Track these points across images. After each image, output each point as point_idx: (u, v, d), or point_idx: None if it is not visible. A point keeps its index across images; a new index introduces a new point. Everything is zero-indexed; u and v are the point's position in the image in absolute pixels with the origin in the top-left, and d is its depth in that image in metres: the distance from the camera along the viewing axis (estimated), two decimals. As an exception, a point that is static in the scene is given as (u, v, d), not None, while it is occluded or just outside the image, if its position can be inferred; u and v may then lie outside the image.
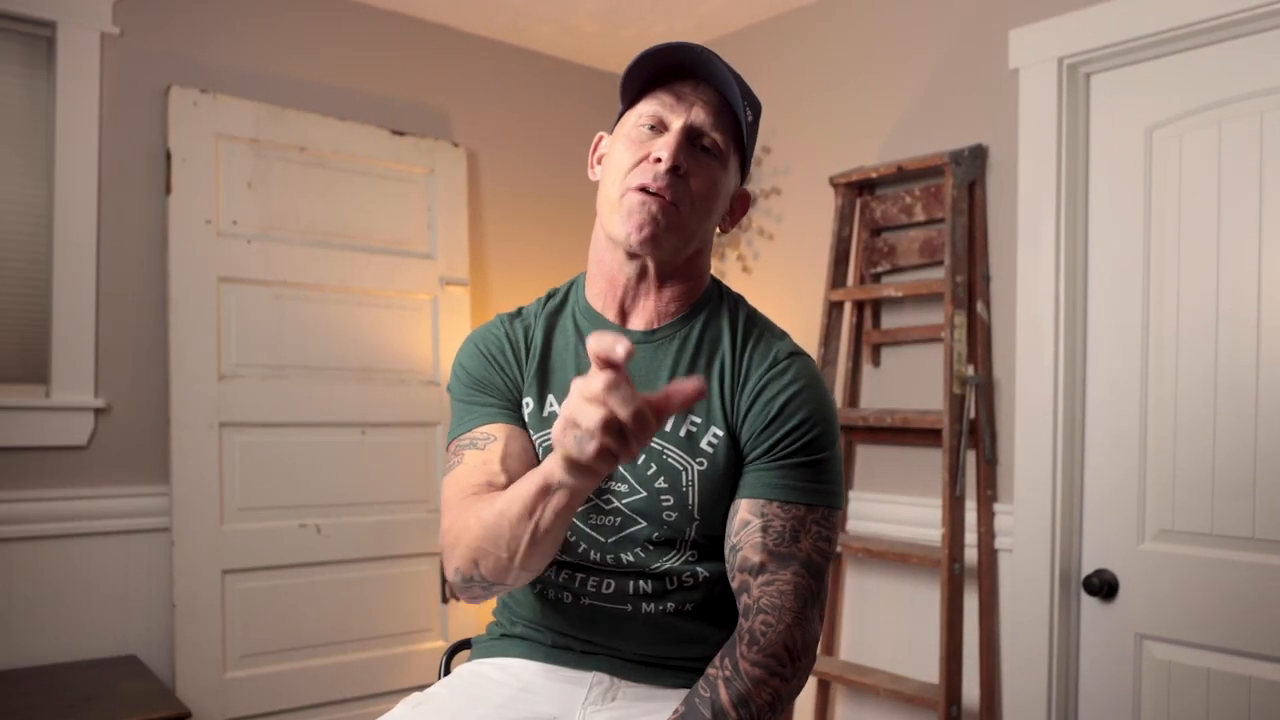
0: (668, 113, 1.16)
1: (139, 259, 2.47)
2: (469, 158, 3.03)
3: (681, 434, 1.16)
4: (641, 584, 1.19)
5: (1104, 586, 2.15)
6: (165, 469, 2.47)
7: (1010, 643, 2.27)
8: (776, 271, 2.86)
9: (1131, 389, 2.14)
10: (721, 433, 1.16)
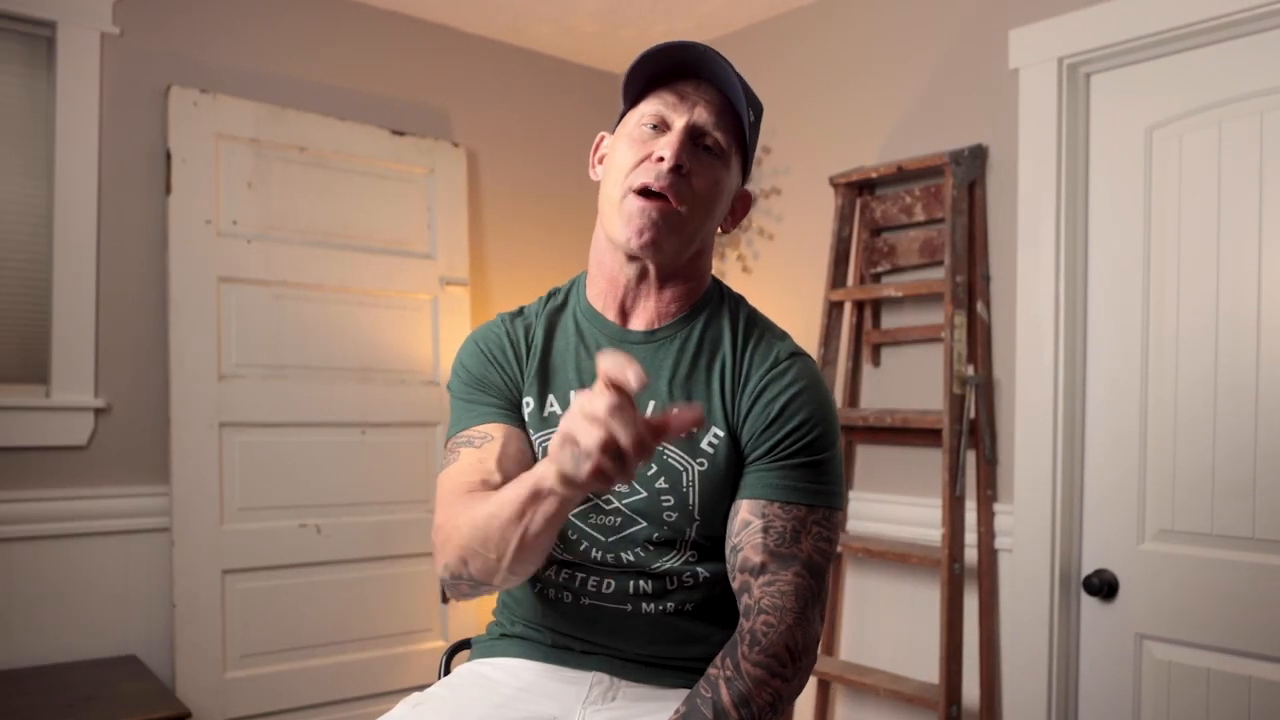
0: (670, 112, 1.16)
1: (139, 259, 2.47)
2: (469, 158, 3.03)
3: (682, 434, 1.16)
4: (642, 584, 1.19)
5: (1104, 586, 2.15)
6: (165, 469, 2.47)
7: (1010, 643, 2.27)
8: (776, 271, 2.86)
9: (1131, 389, 2.14)
10: (722, 433, 1.16)
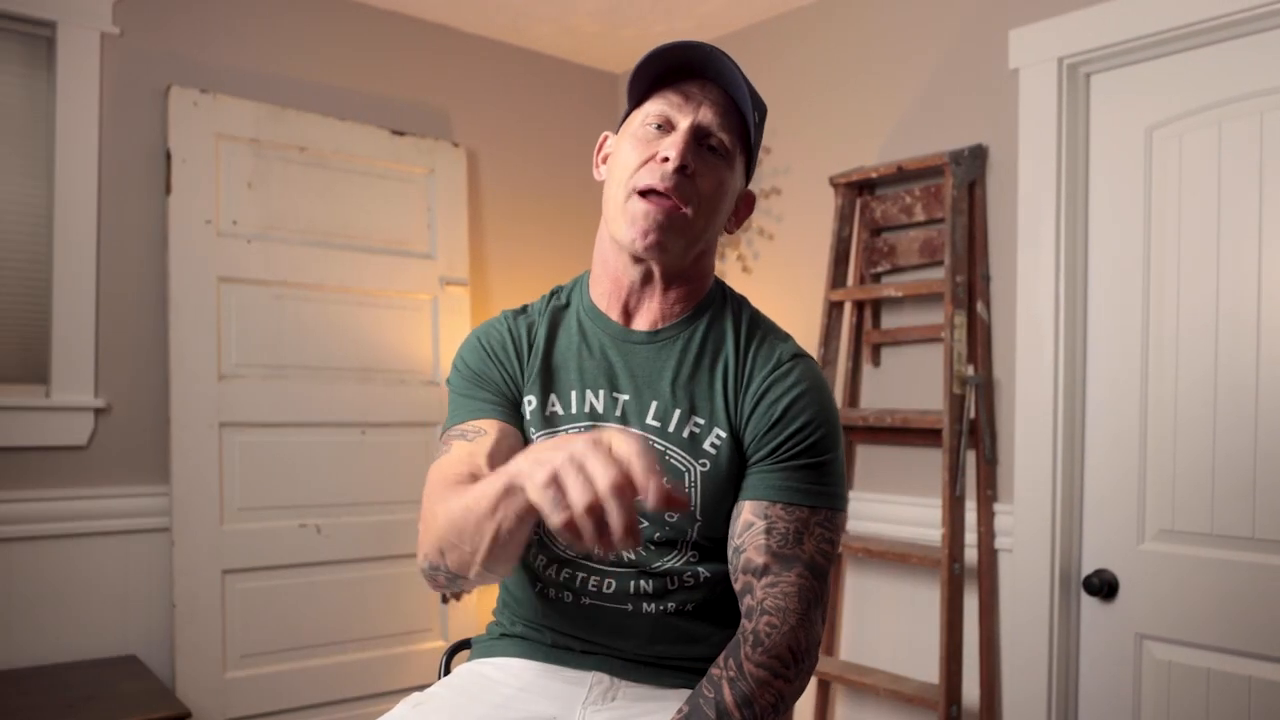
0: (675, 112, 1.16)
1: (139, 259, 2.47)
2: (469, 158, 3.03)
3: (685, 435, 1.16)
4: (642, 583, 1.19)
5: (1104, 586, 2.15)
6: (165, 469, 2.47)
7: (1010, 643, 2.27)
8: (776, 271, 2.86)
9: (1131, 389, 2.14)
10: (725, 434, 1.16)
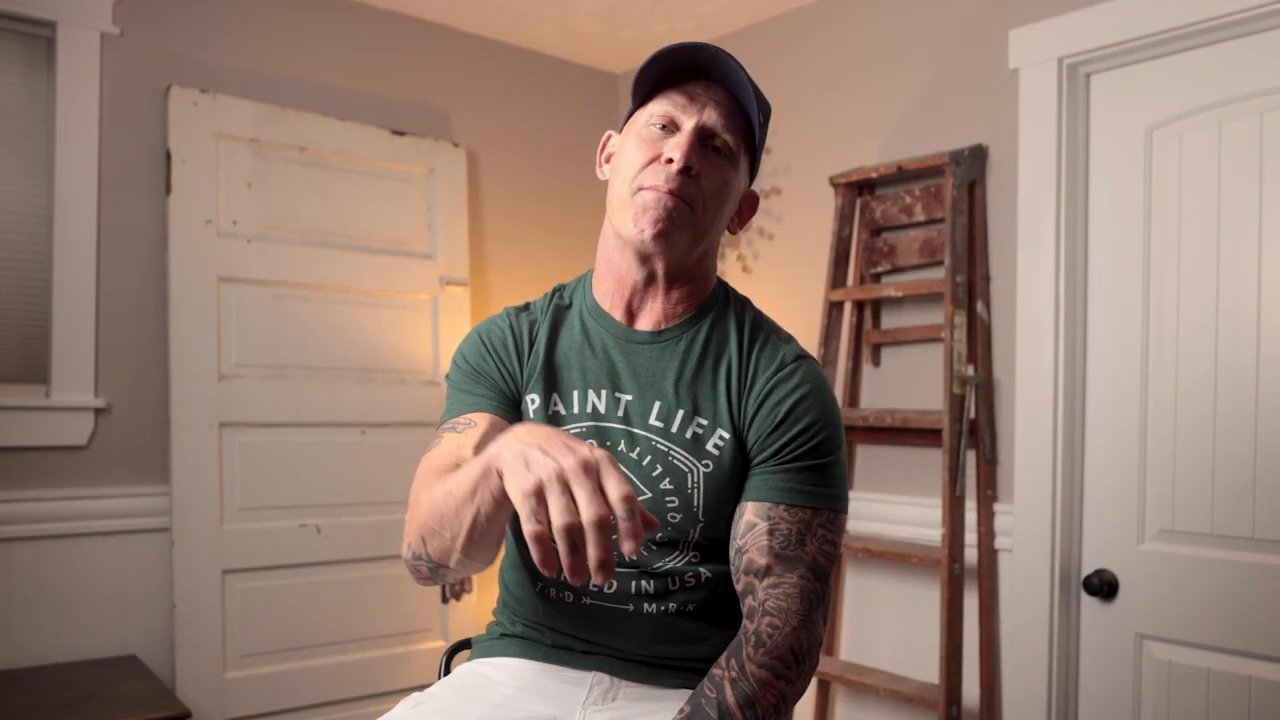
0: (680, 113, 1.16)
1: (139, 259, 2.47)
2: (469, 158, 3.03)
3: (687, 436, 1.16)
4: (643, 584, 1.19)
5: (1104, 586, 2.15)
6: (165, 469, 2.47)
7: (1010, 643, 2.27)
8: (776, 271, 2.86)
9: (1132, 389, 2.14)
10: (728, 435, 1.16)
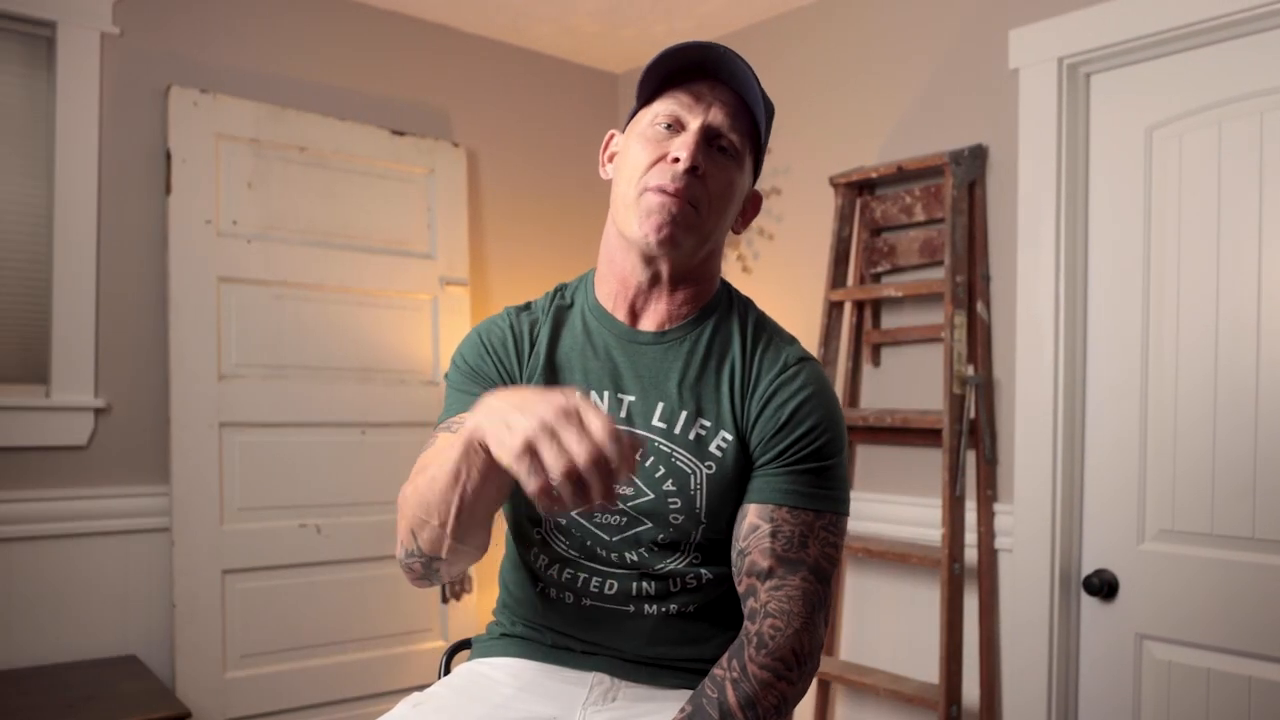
0: (685, 112, 1.15)
1: (139, 259, 2.47)
2: (469, 158, 3.03)
3: (691, 437, 1.16)
4: (644, 585, 1.19)
5: (1104, 586, 2.15)
6: (165, 469, 2.47)
7: (1010, 643, 2.27)
8: (776, 271, 2.86)
9: (1132, 389, 2.14)
10: (731, 436, 1.16)
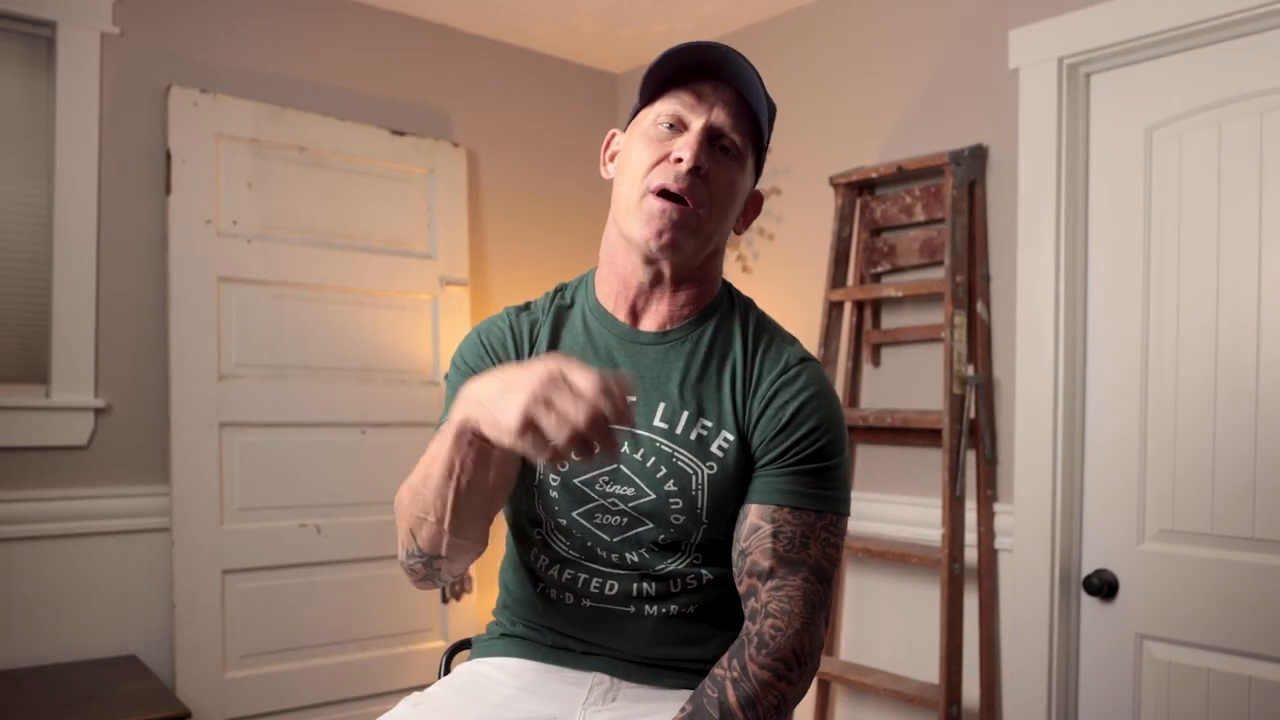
0: (688, 112, 1.15)
1: (139, 259, 2.47)
2: (469, 158, 3.03)
3: (692, 438, 1.16)
4: (645, 586, 1.19)
5: (1104, 586, 2.15)
6: (165, 469, 2.47)
7: (1010, 643, 2.27)
8: (776, 271, 2.86)
9: (1132, 389, 2.14)
10: (733, 437, 1.16)
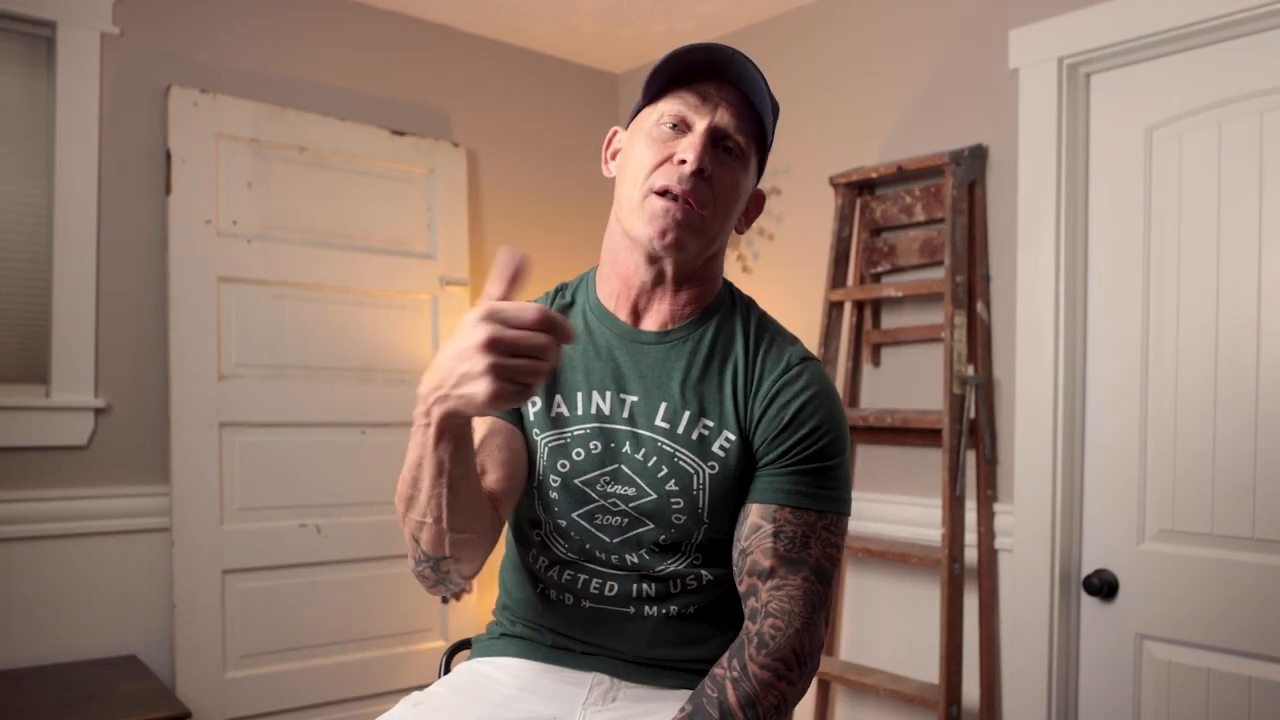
0: (691, 113, 1.15)
1: (139, 259, 2.47)
2: (469, 158, 3.03)
3: (694, 437, 1.16)
4: (645, 586, 1.19)
5: (1104, 586, 2.15)
6: (165, 469, 2.47)
7: (1010, 643, 2.27)
8: (776, 271, 2.86)
9: (1132, 388, 2.14)
10: (734, 437, 1.16)
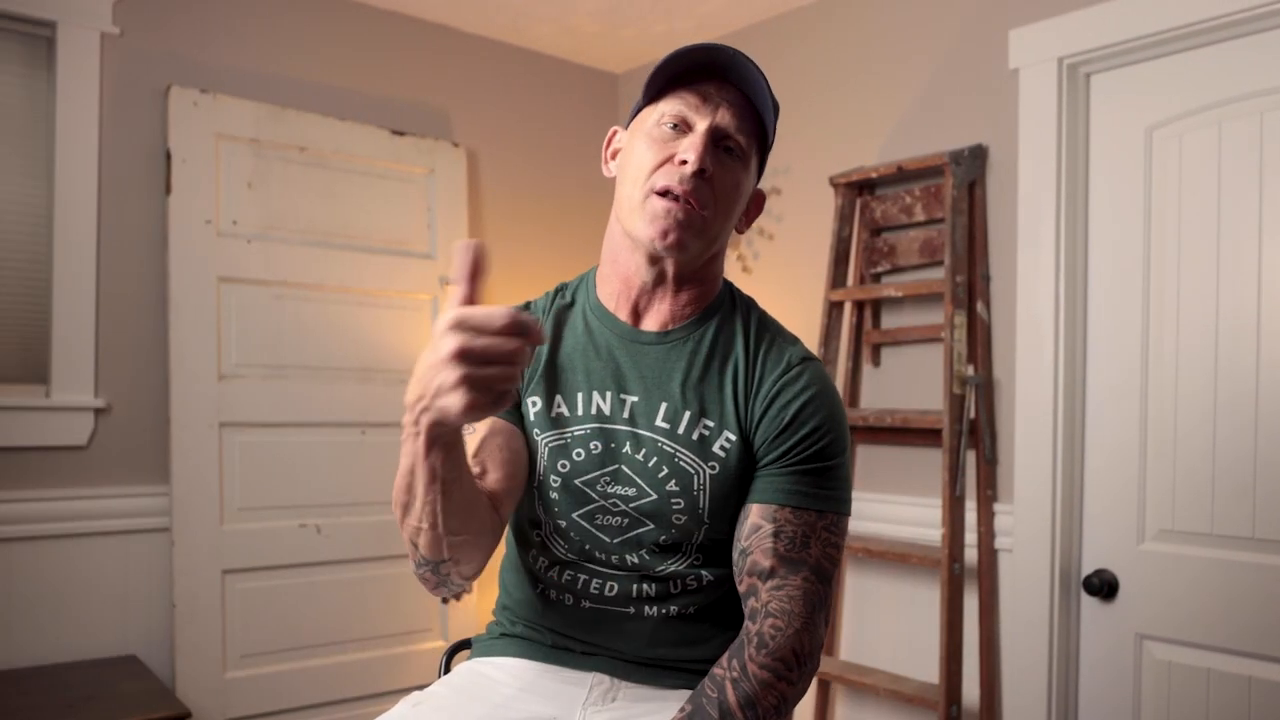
0: (692, 113, 1.15)
1: (139, 259, 2.47)
2: (469, 158, 3.03)
3: (694, 437, 1.16)
4: (645, 587, 1.19)
5: (1104, 586, 2.15)
6: (165, 469, 2.47)
7: (1010, 643, 2.27)
8: (776, 271, 2.86)
9: (1132, 389, 2.14)
10: (735, 437, 1.16)
